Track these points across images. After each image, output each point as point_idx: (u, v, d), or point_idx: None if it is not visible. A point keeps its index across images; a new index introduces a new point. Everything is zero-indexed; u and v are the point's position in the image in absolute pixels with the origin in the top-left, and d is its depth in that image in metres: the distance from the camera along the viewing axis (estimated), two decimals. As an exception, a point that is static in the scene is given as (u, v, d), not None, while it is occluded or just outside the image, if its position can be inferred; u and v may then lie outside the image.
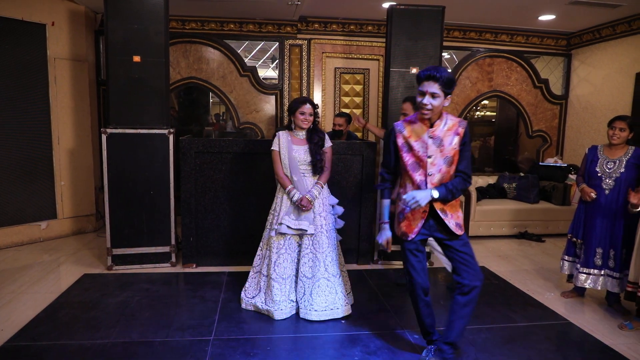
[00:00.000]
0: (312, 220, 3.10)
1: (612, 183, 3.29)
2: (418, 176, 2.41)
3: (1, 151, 4.52)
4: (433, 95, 2.30)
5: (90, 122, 5.23)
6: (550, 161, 6.22)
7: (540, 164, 6.23)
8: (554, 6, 5.09)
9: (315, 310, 3.08)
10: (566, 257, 3.61)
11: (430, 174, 2.38)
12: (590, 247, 3.38)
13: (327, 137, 3.23)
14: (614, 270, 3.28)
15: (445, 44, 4.62)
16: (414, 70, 4.14)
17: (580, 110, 6.27)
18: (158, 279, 3.79)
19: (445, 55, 6.26)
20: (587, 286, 3.39)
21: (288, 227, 3.06)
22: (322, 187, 3.16)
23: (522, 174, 5.95)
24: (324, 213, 3.16)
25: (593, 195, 3.33)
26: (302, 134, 3.16)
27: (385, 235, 2.59)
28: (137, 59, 3.81)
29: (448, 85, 2.30)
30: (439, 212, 2.39)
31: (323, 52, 5.98)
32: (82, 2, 4.96)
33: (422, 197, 2.32)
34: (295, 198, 3.05)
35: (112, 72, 3.82)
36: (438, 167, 2.38)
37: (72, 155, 5.04)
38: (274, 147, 3.15)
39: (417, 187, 2.41)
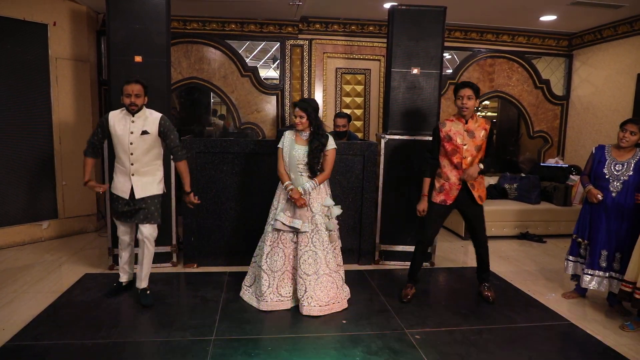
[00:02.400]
0: (308, 219, 3.19)
1: (619, 186, 3.26)
2: (455, 159, 3.26)
3: (3, 151, 4.53)
4: (469, 98, 3.18)
5: (92, 122, 5.23)
6: (551, 162, 6.22)
7: (542, 164, 6.23)
8: (555, 7, 5.09)
9: (320, 306, 3.16)
10: (570, 258, 3.60)
11: (464, 157, 3.24)
12: (595, 248, 3.37)
13: (330, 139, 3.27)
14: (619, 273, 3.26)
15: (446, 44, 4.61)
16: (415, 71, 4.14)
17: (582, 110, 6.26)
18: (159, 279, 3.78)
19: (447, 55, 6.27)
20: (591, 287, 3.39)
21: (282, 223, 3.18)
22: (317, 185, 3.22)
23: (523, 175, 5.95)
24: (321, 212, 3.26)
25: (600, 197, 3.30)
26: (305, 135, 3.24)
27: (424, 205, 3.42)
28: (138, 59, 3.82)
29: (477, 91, 3.22)
30: (469, 186, 3.27)
31: (324, 53, 5.98)
32: (84, 2, 4.97)
33: (474, 170, 3.24)
34: (288, 189, 3.20)
35: (114, 72, 3.81)
36: (470, 152, 3.23)
37: (74, 155, 5.03)
38: (279, 144, 3.32)
39: (455, 167, 3.27)
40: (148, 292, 3.33)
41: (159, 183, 3.30)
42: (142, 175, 3.22)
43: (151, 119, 3.21)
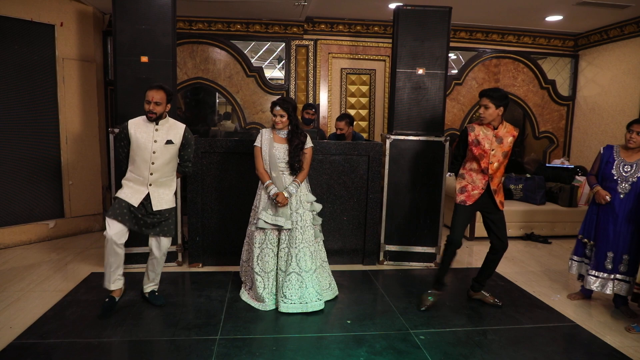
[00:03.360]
0: (289, 216, 3.21)
1: (628, 187, 3.23)
2: (482, 164, 3.21)
3: (10, 151, 4.56)
4: (486, 107, 3.12)
5: (98, 122, 5.27)
6: (557, 162, 6.20)
7: (547, 165, 6.21)
8: (561, 7, 5.07)
9: (284, 303, 3.20)
10: (575, 258, 3.58)
11: (491, 162, 3.20)
12: (601, 250, 3.34)
13: (308, 139, 3.31)
14: (626, 275, 3.24)
15: (451, 44, 4.60)
16: (420, 71, 4.14)
17: (588, 111, 6.23)
18: (164, 279, 3.77)
19: (452, 56, 6.25)
20: (594, 289, 3.36)
21: (265, 222, 3.19)
22: (299, 185, 3.26)
23: (528, 175, 5.92)
24: (300, 210, 3.28)
25: (608, 198, 3.27)
26: (283, 133, 3.27)
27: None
28: (144, 59, 3.84)
29: (498, 99, 3.10)
30: (492, 192, 3.25)
31: (329, 53, 5.99)
32: (90, 2, 5.00)
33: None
34: (272, 193, 3.18)
35: (120, 73, 3.84)
36: (497, 157, 3.20)
37: (80, 154, 5.07)
38: (256, 143, 3.29)
39: (481, 171, 3.23)
40: (157, 292, 3.36)
41: (173, 195, 3.25)
42: (159, 186, 3.14)
43: (175, 128, 3.14)
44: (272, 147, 3.24)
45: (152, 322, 3.03)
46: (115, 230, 3.01)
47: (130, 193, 3.09)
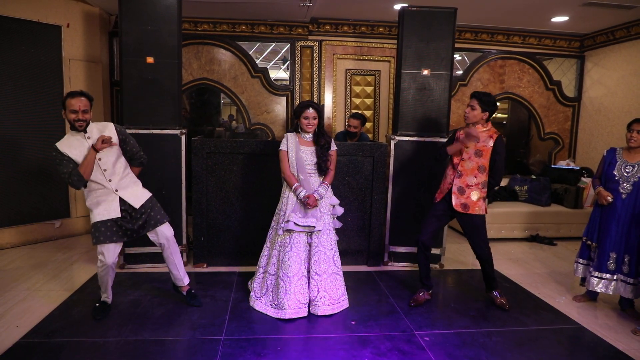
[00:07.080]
0: (319, 218, 3.19)
1: (629, 187, 3.24)
2: (455, 159, 3.34)
3: (17, 151, 4.60)
4: (472, 108, 3.23)
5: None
6: (562, 164, 6.17)
7: (552, 166, 6.19)
8: (567, 7, 5.05)
9: (330, 304, 3.21)
10: (580, 260, 3.56)
11: (463, 159, 3.29)
12: (604, 251, 3.33)
13: (332, 140, 3.32)
14: (628, 276, 3.23)
15: (456, 45, 4.61)
16: (425, 72, 4.13)
17: (593, 112, 6.21)
18: (169, 278, 3.79)
19: (457, 57, 6.24)
20: (598, 290, 3.35)
21: (295, 224, 3.13)
22: (328, 187, 3.26)
23: (533, 177, 5.90)
24: (329, 212, 3.29)
25: (609, 199, 3.28)
26: (308, 136, 3.27)
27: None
28: (150, 60, 3.85)
29: (486, 104, 3.20)
30: (457, 189, 3.30)
31: (334, 54, 5.99)
32: (97, 3, 5.03)
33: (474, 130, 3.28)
34: (301, 195, 3.14)
35: (126, 73, 3.86)
36: (469, 154, 3.28)
37: (86, 155, 5.09)
38: (282, 147, 3.26)
39: (452, 166, 3.35)
40: (193, 290, 3.37)
41: (143, 187, 3.13)
42: (125, 187, 3.01)
43: (106, 129, 3.00)
44: (298, 150, 3.21)
45: (157, 322, 3.04)
46: (113, 256, 2.97)
47: (105, 208, 2.94)
